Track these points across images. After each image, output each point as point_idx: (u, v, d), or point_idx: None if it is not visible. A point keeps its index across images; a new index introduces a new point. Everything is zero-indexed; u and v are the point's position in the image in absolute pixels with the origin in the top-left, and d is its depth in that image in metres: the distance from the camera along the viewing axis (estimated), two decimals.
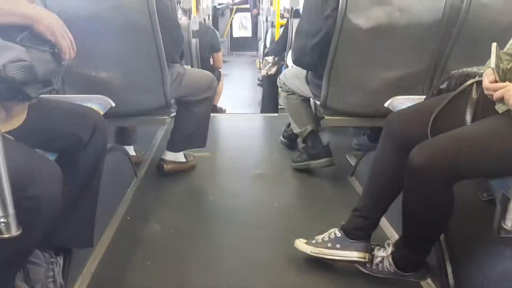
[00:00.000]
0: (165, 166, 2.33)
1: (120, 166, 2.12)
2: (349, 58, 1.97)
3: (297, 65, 2.20)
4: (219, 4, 9.76)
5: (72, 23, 1.71)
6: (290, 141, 2.84)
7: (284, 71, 2.59)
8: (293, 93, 2.42)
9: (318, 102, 2.20)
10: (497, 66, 1.08)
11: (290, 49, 3.07)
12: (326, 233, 1.54)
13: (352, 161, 2.55)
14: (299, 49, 2.06)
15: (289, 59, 3.12)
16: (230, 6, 9.56)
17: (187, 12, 3.75)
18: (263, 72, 4.03)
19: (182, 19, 3.55)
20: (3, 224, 0.81)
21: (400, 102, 1.67)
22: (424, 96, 1.56)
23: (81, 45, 1.78)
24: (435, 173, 1.10)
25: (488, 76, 1.12)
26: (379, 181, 1.43)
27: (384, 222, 1.73)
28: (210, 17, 7.21)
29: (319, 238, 1.54)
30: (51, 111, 1.22)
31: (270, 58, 3.97)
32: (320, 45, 1.94)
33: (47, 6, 1.71)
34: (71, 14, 1.76)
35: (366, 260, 1.44)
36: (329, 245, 1.49)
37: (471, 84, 1.26)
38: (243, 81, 7.08)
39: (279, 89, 2.53)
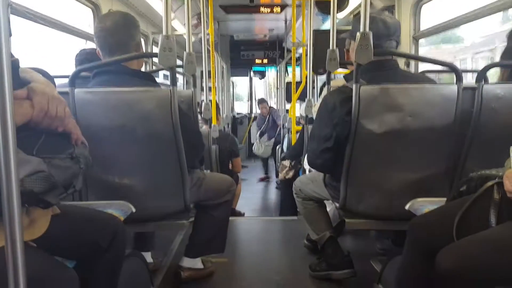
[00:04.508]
0: (182, 273, 2.27)
1: (136, 274, 2.06)
2: (366, 160, 2.00)
3: (311, 167, 2.24)
4: (238, 113, 10.58)
5: (98, 133, 1.86)
6: (314, 244, 2.75)
7: (299, 178, 2.62)
8: (310, 199, 2.42)
9: (337, 205, 2.18)
10: None
11: (306, 153, 3.14)
12: None
13: (377, 267, 2.43)
14: (312, 152, 2.12)
15: (306, 163, 3.18)
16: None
17: (207, 121, 3.96)
18: (281, 176, 4.08)
19: (203, 128, 3.74)
20: None
21: (421, 205, 1.64)
22: (445, 198, 1.54)
23: (106, 153, 1.90)
24: (466, 278, 1.04)
25: (509, 179, 1.11)
26: None
27: None
28: (230, 125, 7.61)
29: None
30: (73, 219, 1.24)
31: (287, 162, 4.04)
32: (332, 150, 1.98)
33: (77, 118, 1.83)
34: (98, 125, 1.90)
35: None
36: None
37: (491, 185, 1.25)
38: (261, 185, 7.13)
39: (295, 195, 2.53)
